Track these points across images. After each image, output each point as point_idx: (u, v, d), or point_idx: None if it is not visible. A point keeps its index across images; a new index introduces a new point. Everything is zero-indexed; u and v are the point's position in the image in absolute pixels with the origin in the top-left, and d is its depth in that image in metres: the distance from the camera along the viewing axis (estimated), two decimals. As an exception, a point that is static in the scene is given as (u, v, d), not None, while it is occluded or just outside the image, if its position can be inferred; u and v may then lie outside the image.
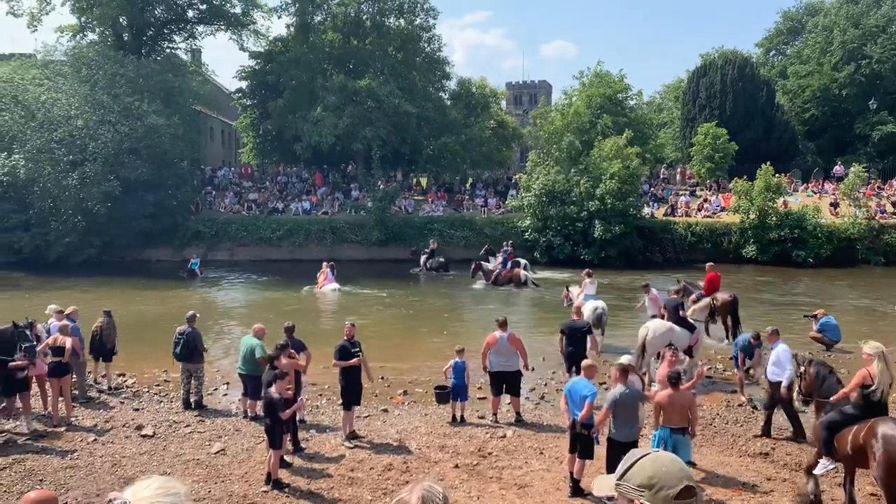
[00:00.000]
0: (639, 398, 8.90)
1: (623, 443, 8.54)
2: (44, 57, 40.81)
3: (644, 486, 2.32)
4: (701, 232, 36.56)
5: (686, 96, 53.50)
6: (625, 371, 8.97)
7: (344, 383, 11.31)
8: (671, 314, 14.50)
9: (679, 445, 8.68)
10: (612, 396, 8.77)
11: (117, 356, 14.71)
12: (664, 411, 8.95)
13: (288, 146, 45.40)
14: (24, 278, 31.61)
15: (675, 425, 8.89)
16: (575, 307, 17.44)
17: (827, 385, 8.83)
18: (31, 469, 9.95)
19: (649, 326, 14.11)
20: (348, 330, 11.58)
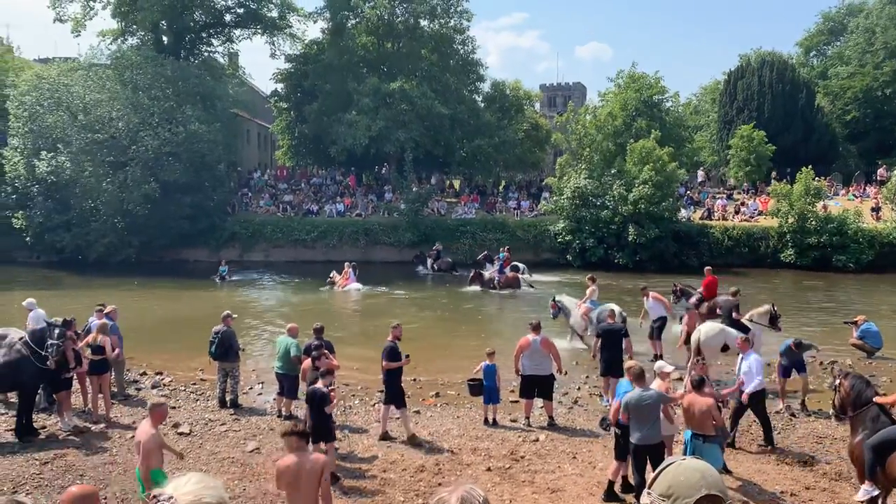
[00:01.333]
0: (656, 401, 8.73)
1: (640, 445, 8.52)
2: (87, 60, 41.77)
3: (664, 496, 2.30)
4: (738, 236, 36.01)
5: (723, 98, 52.75)
6: (640, 374, 8.87)
7: (387, 382, 11.36)
8: (726, 316, 14.35)
9: (700, 451, 8.49)
10: (623, 400, 8.70)
11: (155, 354, 14.96)
12: (685, 415, 8.85)
13: (323, 149, 45.82)
14: (65, 277, 32.39)
15: (695, 430, 8.76)
16: (583, 312, 17.58)
17: (864, 399, 8.39)
18: (72, 464, 10.16)
19: (701, 329, 13.98)
20: (396, 331, 11.60)
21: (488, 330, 21.09)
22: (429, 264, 34.15)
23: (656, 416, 8.63)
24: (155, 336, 19.28)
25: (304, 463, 6.49)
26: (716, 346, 13.66)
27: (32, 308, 14.22)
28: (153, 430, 7.71)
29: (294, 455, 6.52)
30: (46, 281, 31.45)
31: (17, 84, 37.82)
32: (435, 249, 34.68)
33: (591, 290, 18.43)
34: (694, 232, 36.19)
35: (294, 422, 7.13)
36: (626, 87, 45.79)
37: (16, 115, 36.46)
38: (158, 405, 7.96)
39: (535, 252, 37.42)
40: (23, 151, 36.03)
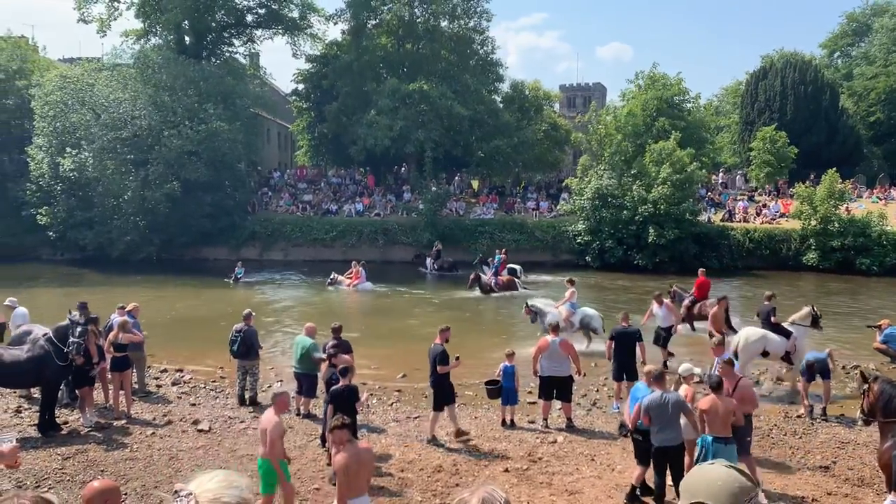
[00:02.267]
0: (678, 405, 8.69)
1: (661, 447, 8.53)
2: (111, 60, 42.27)
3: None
4: (759, 238, 35.70)
5: (745, 99, 52.32)
6: (659, 377, 8.86)
7: (437, 386, 11.24)
8: (764, 321, 14.21)
9: (721, 455, 8.43)
10: (645, 401, 8.68)
11: (175, 351, 15.07)
12: (707, 418, 8.75)
13: (342, 149, 46.01)
14: (88, 274, 32.78)
15: (717, 433, 8.68)
16: (565, 317, 17.47)
17: (894, 405, 8.24)
18: (94, 459, 10.28)
19: (741, 334, 13.82)
20: (445, 334, 11.55)
21: (510, 330, 21.03)
22: (429, 264, 34.41)
23: (677, 419, 8.59)
24: (175, 334, 19.45)
25: (359, 454, 6.71)
26: (755, 350, 13.43)
27: (14, 306, 14.40)
28: (277, 418, 7.85)
29: (349, 448, 6.71)
30: (69, 278, 31.86)
31: (43, 84, 38.34)
32: (435, 249, 34.91)
33: (570, 293, 18.37)
34: (714, 234, 35.91)
35: (340, 416, 7.24)
36: (646, 87, 45.56)
37: (41, 115, 36.97)
38: (281, 394, 8.14)
39: (553, 253, 37.34)
40: (47, 150, 36.54)
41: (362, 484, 6.76)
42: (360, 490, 6.71)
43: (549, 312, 17.82)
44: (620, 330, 13.09)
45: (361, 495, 6.73)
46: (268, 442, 7.72)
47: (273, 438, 7.70)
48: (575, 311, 17.80)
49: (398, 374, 15.35)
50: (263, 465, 7.91)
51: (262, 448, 7.89)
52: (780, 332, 13.95)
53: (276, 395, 8.18)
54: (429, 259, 34.53)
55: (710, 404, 8.69)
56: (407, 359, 16.93)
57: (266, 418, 7.94)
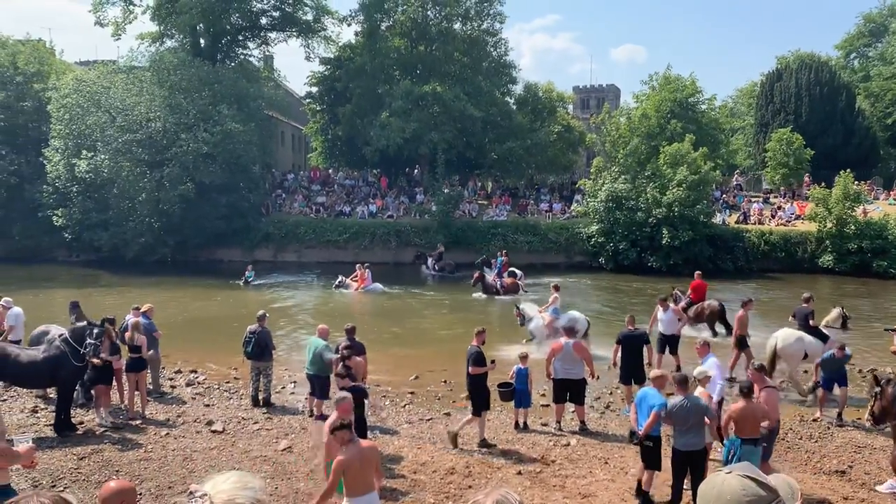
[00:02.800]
0: (701, 409, 8.66)
1: (684, 452, 8.50)
2: (126, 63, 42.61)
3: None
4: (775, 240, 35.46)
5: (760, 101, 51.97)
6: (684, 380, 8.84)
7: (474, 389, 11.17)
8: (801, 323, 14.11)
9: (748, 456, 8.41)
10: (668, 407, 8.64)
11: (189, 352, 15.15)
12: (736, 422, 8.69)
13: (356, 150, 46.12)
14: (103, 275, 33.04)
15: (746, 436, 8.63)
16: (548, 323, 17.57)
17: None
18: (109, 460, 10.35)
19: (778, 336, 13.72)
20: (481, 336, 11.52)
21: (513, 333, 20.96)
22: (430, 264, 34.42)
23: (701, 423, 8.56)
24: (189, 334, 19.55)
25: (361, 452, 6.75)
26: (794, 353, 13.26)
27: (9, 306, 14.58)
28: None
29: (349, 447, 6.74)
30: (85, 279, 32.12)
31: (59, 86, 38.68)
32: (438, 251, 35.04)
33: (553, 298, 18.39)
34: (729, 236, 35.71)
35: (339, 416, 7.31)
36: (660, 88, 45.40)
37: (57, 117, 37.29)
38: (343, 398, 8.05)
39: (567, 255, 37.25)
40: (63, 152, 36.84)
41: (369, 481, 6.80)
42: (367, 487, 6.75)
43: (534, 317, 18.02)
44: (627, 333, 12.95)
45: (369, 492, 6.78)
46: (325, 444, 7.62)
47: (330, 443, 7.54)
48: (558, 316, 17.83)
49: (411, 375, 15.36)
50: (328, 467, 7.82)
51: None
52: (817, 336, 13.81)
53: (339, 399, 8.05)
54: (430, 259, 34.61)
55: (740, 410, 8.63)
56: (419, 361, 16.96)
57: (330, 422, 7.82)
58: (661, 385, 9.17)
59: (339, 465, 6.65)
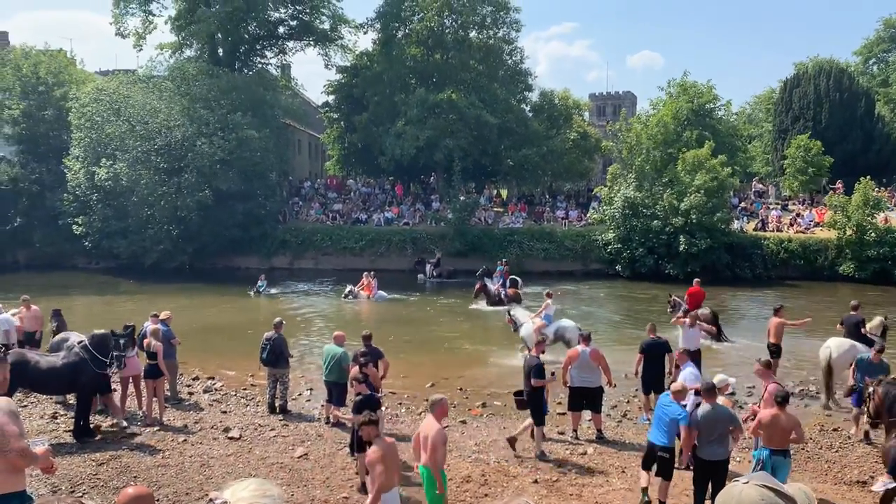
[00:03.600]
0: (727, 419, 8.58)
1: (708, 461, 8.43)
2: (146, 72, 43.09)
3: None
4: (793, 248, 35.13)
5: (778, 107, 51.61)
6: (711, 389, 8.77)
7: (536, 400, 11.05)
8: (851, 331, 13.97)
9: (778, 467, 8.33)
10: (695, 416, 8.59)
11: (206, 359, 15.23)
12: (766, 431, 8.59)
13: (372, 158, 46.29)
14: (122, 283, 33.35)
15: (775, 447, 8.52)
16: (537, 327, 17.53)
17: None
18: (127, 466, 10.41)
19: (831, 346, 13.52)
20: (540, 346, 11.54)
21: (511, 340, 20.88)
22: (428, 271, 34.63)
23: (727, 433, 8.48)
24: (206, 341, 19.65)
25: (391, 447, 6.96)
26: (847, 362, 13.06)
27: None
28: (439, 424, 7.75)
29: (380, 442, 6.91)
30: (105, 286, 32.44)
31: (80, 96, 39.17)
32: (436, 258, 35.33)
33: (545, 305, 18.45)
34: (747, 243, 35.42)
35: (368, 413, 7.37)
36: (677, 95, 45.22)
37: (77, 126, 37.75)
38: (439, 400, 8.01)
39: (583, 262, 37.10)
40: (83, 160, 37.26)
41: (394, 477, 6.91)
42: (391, 483, 6.83)
43: (524, 324, 18.04)
44: (650, 342, 12.83)
45: (392, 488, 6.87)
46: (429, 448, 7.56)
47: (435, 445, 7.53)
48: (548, 323, 17.89)
49: (427, 383, 15.34)
50: (425, 472, 7.73)
51: (423, 455, 7.73)
52: (868, 344, 13.65)
53: (435, 401, 7.98)
54: (428, 266, 34.86)
55: (771, 418, 8.54)
56: (435, 368, 16.96)
57: (427, 425, 7.79)
58: (680, 399, 9.09)
59: (374, 458, 6.77)
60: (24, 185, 39.52)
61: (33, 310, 16.17)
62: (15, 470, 4.74)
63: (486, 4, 44.74)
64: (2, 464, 4.63)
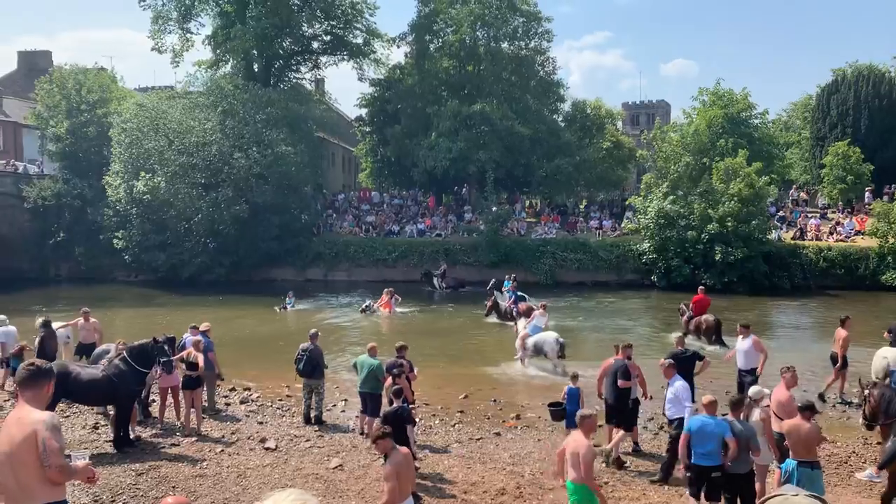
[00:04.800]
0: (750, 432, 8.42)
1: (731, 475, 8.31)
2: (183, 88, 43.97)
3: None
4: (834, 257, 34.43)
5: (815, 114, 50.69)
6: (738, 403, 8.65)
7: (620, 403, 11.23)
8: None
9: (806, 480, 8.09)
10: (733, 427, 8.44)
11: (243, 370, 15.38)
12: (790, 441, 8.41)
13: (404, 170, 46.55)
14: (160, 295, 33.89)
15: (801, 457, 8.33)
16: (521, 338, 17.75)
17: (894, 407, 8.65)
18: (165, 475, 10.56)
19: (889, 356, 13.17)
20: (627, 351, 11.60)
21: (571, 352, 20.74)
22: (436, 283, 34.65)
23: (747, 447, 8.33)
24: (243, 353, 19.87)
25: (407, 458, 7.04)
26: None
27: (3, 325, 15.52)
28: (588, 441, 7.75)
29: (395, 454, 6.98)
30: (144, 299, 33.01)
31: (120, 112, 40.08)
32: (441, 269, 35.37)
33: (536, 313, 18.66)
34: (785, 252, 34.81)
35: (380, 426, 7.45)
36: (711, 103, 44.74)
37: (118, 141, 38.61)
38: (588, 416, 8.04)
39: (618, 273, 36.78)
40: (123, 175, 38.06)
41: (407, 488, 6.98)
42: (406, 494, 6.92)
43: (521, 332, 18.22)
44: (676, 353, 12.45)
45: (406, 498, 6.93)
46: (582, 466, 7.52)
47: (587, 462, 7.51)
48: (531, 333, 17.93)
49: (460, 394, 15.31)
50: (576, 490, 7.63)
51: (573, 472, 7.62)
52: None
53: (583, 416, 7.95)
54: (435, 278, 34.83)
55: (792, 427, 8.37)
56: (469, 379, 16.92)
57: (576, 441, 7.75)
58: (713, 410, 8.80)
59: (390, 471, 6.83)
60: (67, 201, 40.53)
61: (91, 322, 16.57)
62: (54, 483, 4.85)
63: (518, 16, 44.82)
64: (42, 477, 4.75)
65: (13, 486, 4.74)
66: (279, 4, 40.88)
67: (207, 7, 44.09)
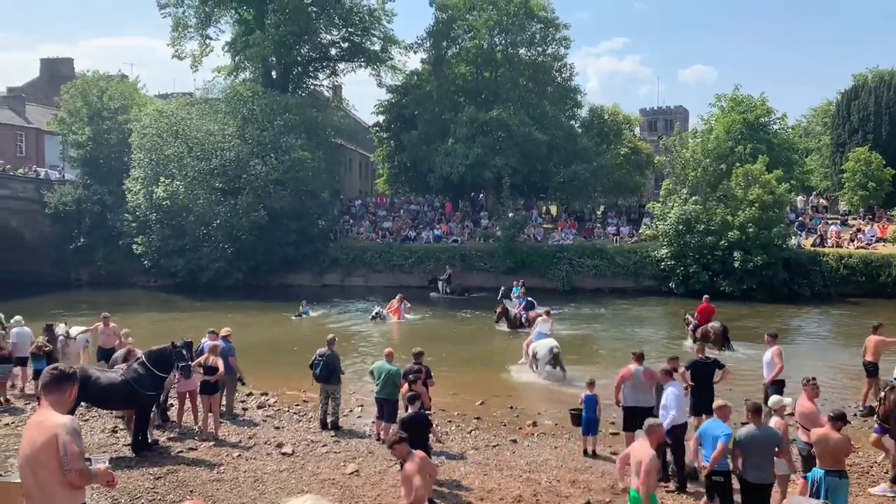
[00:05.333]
0: (773, 440, 8.31)
1: (755, 484, 8.13)
2: (202, 95, 44.37)
3: None
4: (854, 264, 34.02)
5: (836, 120, 50.28)
6: (756, 409, 8.46)
7: None
8: None
9: (833, 489, 7.99)
10: (739, 437, 8.27)
11: (260, 375, 15.45)
12: (818, 450, 8.28)
13: (421, 176, 46.62)
14: (179, 300, 34.14)
15: (829, 466, 8.19)
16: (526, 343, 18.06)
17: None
18: (183, 480, 10.61)
19: None
20: (674, 363, 11.62)
21: (591, 358, 20.65)
22: (441, 288, 34.57)
23: (772, 455, 8.22)
24: (260, 358, 19.91)
25: (424, 462, 7.05)
26: None
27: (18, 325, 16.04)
28: (652, 450, 7.73)
29: (412, 458, 6.98)
30: (162, 303, 33.26)
31: (140, 118, 40.51)
32: (447, 274, 35.29)
33: (539, 319, 19.19)
34: (805, 259, 34.47)
35: (396, 432, 7.44)
36: (729, 109, 44.44)
37: (138, 147, 39.01)
38: (656, 426, 8.03)
39: (635, 279, 36.59)
40: (143, 181, 38.44)
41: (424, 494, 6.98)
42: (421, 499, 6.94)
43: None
44: (697, 361, 12.40)
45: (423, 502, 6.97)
46: (643, 474, 7.51)
47: (649, 471, 7.49)
48: (535, 339, 18.14)
49: (476, 400, 15.27)
50: (635, 495, 7.64)
51: (635, 479, 7.62)
52: None
53: (651, 426, 7.95)
54: (441, 283, 34.79)
55: (821, 436, 8.25)
56: (485, 386, 16.87)
57: (641, 449, 7.74)
58: (725, 416, 8.76)
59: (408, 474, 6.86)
60: (87, 206, 41.04)
61: (111, 327, 16.74)
62: (75, 487, 4.89)
63: (536, 22, 44.83)
64: (63, 480, 4.79)
65: (34, 488, 4.79)
66: (297, 12, 41.19)
67: (226, 14, 44.53)
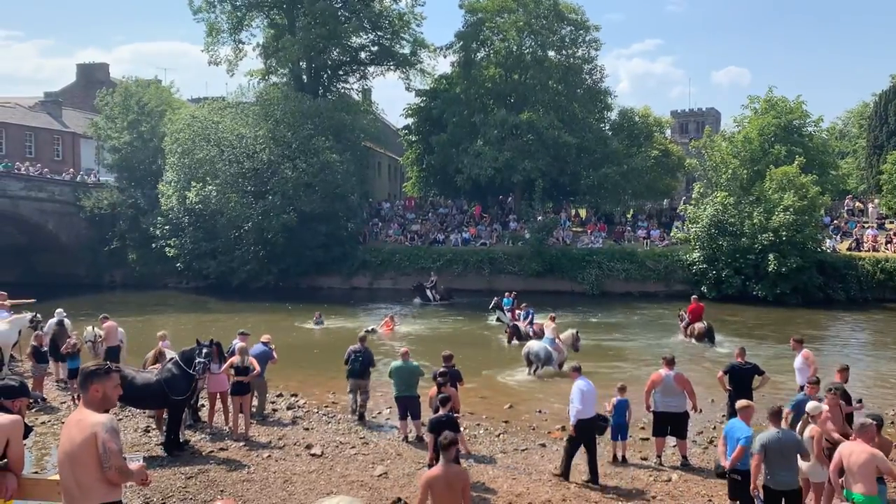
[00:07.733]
0: (796, 445, 8.13)
1: (777, 491, 7.95)
2: (235, 99, 44.95)
3: None
4: (891, 268, 33.32)
5: (873, 122, 49.31)
6: (777, 413, 8.26)
7: None
8: None
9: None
10: (760, 441, 8.04)
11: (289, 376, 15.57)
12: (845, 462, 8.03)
13: (449, 179, 46.63)
14: (210, 302, 34.56)
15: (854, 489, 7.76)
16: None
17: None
18: (214, 480, 10.73)
19: None
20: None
21: (617, 363, 20.48)
22: (429, 294, 34.25)
23: (794, 460, 8.04)
24: (289, 359, 20.02)
25: (452, 473, 6.77)
26: None
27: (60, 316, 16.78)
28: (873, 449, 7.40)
29: (442, 465, 6.78)
30: (195, 305, 33.70)
31: (175, 121, 41.15)
32: (431, 280, 35.14)
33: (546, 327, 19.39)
34: (841, 263, 33.82)
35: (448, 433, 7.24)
36: (762, 111, 43.82)
37: (171, 151, 39.62)
38: (868, 424, 7.65)
39: (666, 283, 36.20)
40: (176, 185, 39.02)
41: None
42: None
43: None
44: (736, 365, 12.31)
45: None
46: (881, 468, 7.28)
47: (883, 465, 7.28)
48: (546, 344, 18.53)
49: (505, 404, 15.23)
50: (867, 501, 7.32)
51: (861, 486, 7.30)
52: None
53: (863, 425, 7.62)
54: (428, 291, 34.50)
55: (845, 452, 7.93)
56: (514, 389, 16.82)
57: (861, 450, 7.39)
58: (747, 417, 8.63)
59: (423, 480, 6.74)
60: (122, 210, 41.78)
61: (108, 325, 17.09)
62: (113, 484, 4.98)
63: (566, 24, 44.67)
64: (101, 477, 4.88)
65: (73, 485, 4.88)
66: (328, 16, 41.55)
67: (258, 18, 45.10)
